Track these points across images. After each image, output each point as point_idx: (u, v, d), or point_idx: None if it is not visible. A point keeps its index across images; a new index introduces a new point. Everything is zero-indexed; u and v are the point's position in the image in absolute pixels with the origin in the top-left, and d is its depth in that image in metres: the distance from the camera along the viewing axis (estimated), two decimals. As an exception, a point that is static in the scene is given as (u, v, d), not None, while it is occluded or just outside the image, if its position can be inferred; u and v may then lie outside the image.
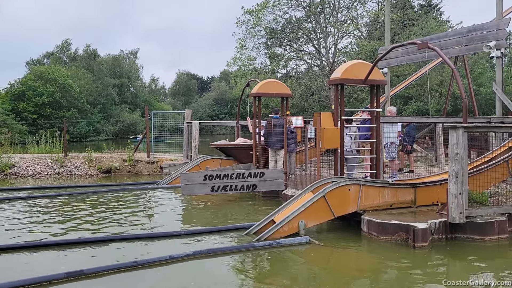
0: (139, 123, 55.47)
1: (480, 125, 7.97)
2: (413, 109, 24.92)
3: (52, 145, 18.94)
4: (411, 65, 23.03)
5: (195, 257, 6.41)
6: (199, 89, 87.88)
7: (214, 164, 13.56)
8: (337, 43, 29.14)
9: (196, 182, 10.02)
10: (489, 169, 8.25)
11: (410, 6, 29.49)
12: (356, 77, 8.39)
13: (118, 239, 7.44)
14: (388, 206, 7.98)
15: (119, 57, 68.73)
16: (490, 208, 7.32)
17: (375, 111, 8.78)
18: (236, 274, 5.97)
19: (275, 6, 28.54)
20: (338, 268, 6.37)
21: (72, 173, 16.19)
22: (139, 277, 5.74)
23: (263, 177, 10.49)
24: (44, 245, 7.10)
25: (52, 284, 5.45)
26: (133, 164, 16.69)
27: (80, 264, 5.98)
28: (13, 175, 15.88)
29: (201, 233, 7.82)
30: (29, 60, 64.48)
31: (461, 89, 7.51)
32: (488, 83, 26.51)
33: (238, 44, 30.04)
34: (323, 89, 27.64)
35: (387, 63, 16.39)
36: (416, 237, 6.72)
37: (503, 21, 12.31)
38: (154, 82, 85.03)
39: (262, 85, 12.34)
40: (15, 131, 35.41)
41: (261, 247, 6.87)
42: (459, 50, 13.75)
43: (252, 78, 18.52)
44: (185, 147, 16.00)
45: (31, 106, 44.98)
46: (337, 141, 8.42)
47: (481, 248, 6.78)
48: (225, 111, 74.96)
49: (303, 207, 7.43)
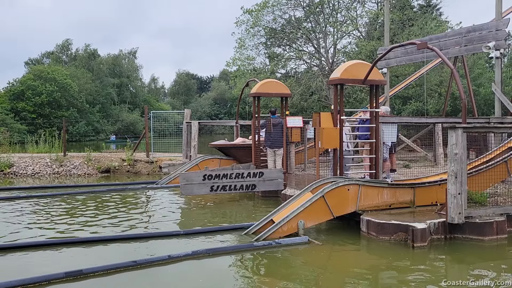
0: (138, 122, 55.42)
1: (479, 126, 7.98)
2: (412, 109, 24.94)
3: (51, 145, 18.92)
4: (411, 65, 23.03)
5: (194, 257, 6.40)
6: (198, 88, 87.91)
7: (213, 164, 13.56)
8: (337, 43, 29.13)
9: (195, 182, 10.02)
10: (488, 169, 8.25)
11: (410, 7, 29.47)
12: (355, 77, 8.39)
13: (117, 238, 7.43)
14: (387, 206, 7.98)
15: (119, 56, 68.69)
16: (489, 208, 7.33)
17: (374, 111, 8.79)
18: (235, 274, 5.97)
19: (274, 6, 28.53)
20: (337, 268, 6.37)
21: (71, 173, 16.19)
22: (138, 277, 5.73)
23: (262, 177, 10.49)
24: (43, 244, 7.08)
25: (51, 283, 5.44)
26: (132, 163, 16.68)
27: (79, 264, 5.97)
28: (12, 174, 15.87)
29: (200, 232, 7.81)
30: (27, 60, 64.53)
31: (460, 89, 7.52)
32: (487, 84, 26.54)
33: (237, 44, 30.04)
34: (323, 89, 27.64)
35: (387, 63, 16.40)
36: (415, 237, 6.73)
37: (503, 22, 12.32)
38: (153, 81, 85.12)
39: (262, 85, 12.34)
40: (14, 130, 35.42)
41: (260, 247, 6.87)
42: (458, 50, 13.76)
43: (252, 78, 18.51)
44: (184, 147, 15.99)
45: (30, 106, 44.94)
46: (337, 141, 8.42)
47: (480, 248, 6.79)
48: (225, 111, 74.98)
49: (302, 207, 7.43)
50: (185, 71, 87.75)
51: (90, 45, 64.62)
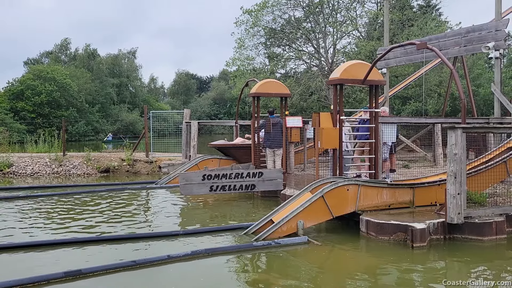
0: (138, 122, 55.37)
1: (478, 126, 7.97)
2: (411, 110, 24.95)
3: (51, 144, 18.89)
4: (410, 66, 23.03)
5: (193, 257, 6.40)
6: (198, 88, 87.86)
7: (212, 164, 13.56)
8: (336, 43, 29.11)
9: (195, 182, 10.01)
10: (488, 169, 8.26)
11: (409, 7, 29.48)
12: (355, 77, 8.39)
13: (116, 238, 7.43)
14: (386, 207, 7.98)
15: (118, 56, 68.62)
16: (488, 208, 7.34)
17: (374, 111, 8.79)
18: (234, 274, 5.97)
19: (274, 6, 28.51)
20: (336, 268, 6.37)
21: (70, 173, 16.18)
22: (138, 277, 5.73)
23: (262, 177, 10.49)
24: (42, 244, 7.07)
25: (50, 283, 5.44)
26: (132, 163, 16.67)
27: (78, 264, 5.97)
28: (11, 174, 15.86)
29: (200, 232, 7.82)
30: (26, 60, 64.49)
31: (459, 89, 7.52)
32: (486, 84, 26.58)
33: (237, 44, 30.02)
34: (322, 89, 27.61)
35: (386, 63, 16.40)
36: (415, 237, 6.73)
37: (502, 22, 12.32)
38: (153, 81, 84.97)
39: (261, 85, 12.35)
40: (13, 130, 35.35)
41: (260, 247, 6.87)
42: (458, 50, 13.77)
43: (251, 78, 18.51)
44: (183, 147, 15.99)
45: (30, 105, 44.88)
46: (336, 141, 8.42)
47: (479, 249, 6.79)
48: (224, 111, 74.93)
49: (301, 207, 7.43)
50: (185, 71, 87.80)
51: (90, 45, 64.64)
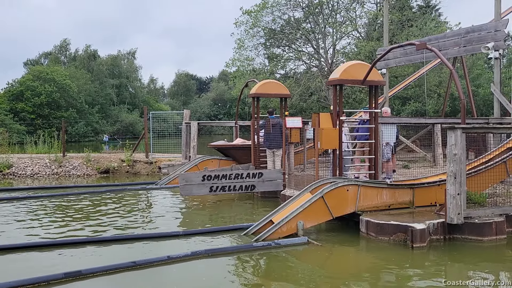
0: (138, 123, 55.39)
1: (478, 126, 7.97)
2: (411, 110, 24.96)
3: (50, 145, 18.88)
4: (410, 66, 23.05)
5: (193, 257, 6.40)
6: (198, 89, 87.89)
7: (212, 165, 13.56)
8: (336, 43, 29.15)
9: (195, 183, 10.01)
10: (487, 170, 8.27)
11: (409, 7, 29.51)
12: (354, 77, 8.39)
13: (116, 239, 7.43)
14: (386, 207, 7.98)
15: (118, 57, 68.64)
16: (488, 208, 7.34)
17: (373, 111, 8.79)
18: (234, 275, 5.97)
19: (273, 6, 28.53)
20: (336, 268, 6.38)
21: (70, 173, 16.18)
22: (138, 278, 5.73)
23: (262, 177, 10.49)
24: (42, 245, 7.08)
25: (50, 284, 5.44)
26: (132, 164, 16.67)
27: (78, 265, 5.97)
28: (11, 175, 15.86)
29: (200, 233, 7.81)
30: (26, 61, 64.53)
31: (459, 90, 7.52)
32: (486, 84, 26.60)
33: (236, 45, 30.04)
34: (322, 90, 27.62)
35: (386, 64, 16.41)
36: (414, 238, 6.73)
37: (501, 22, 12.34)
38: (152, 82, 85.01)
39: (261, 85, 12.35)
40: (13, 131, 35.37)
41: (260, 247, 6.87)
42: (458, 51, 13.78)
43: (251, 79, 18.52)
44: (183, 148, 15.99)
45: (30, 106, 44.91)
46: (336, 141, 8.42)
47: (479, 249, 6.80)
48: (224, 111, 74.98)
49: (301, 207, 7.43)
50: (185, 71, 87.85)
51: (90, 46, 64.68)
